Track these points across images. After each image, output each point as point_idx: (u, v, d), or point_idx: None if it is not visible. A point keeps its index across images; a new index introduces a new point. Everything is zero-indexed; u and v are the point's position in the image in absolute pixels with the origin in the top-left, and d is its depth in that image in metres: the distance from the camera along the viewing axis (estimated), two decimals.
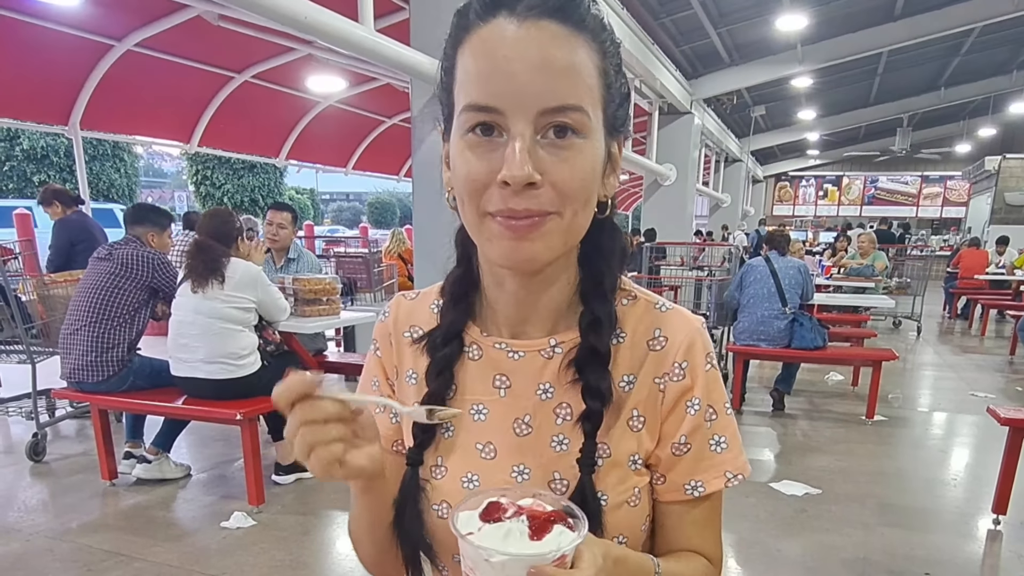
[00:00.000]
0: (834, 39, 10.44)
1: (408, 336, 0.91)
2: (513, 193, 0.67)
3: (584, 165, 0.70)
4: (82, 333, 3.60)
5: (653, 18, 8.89)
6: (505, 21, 0.68)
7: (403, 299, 0.95)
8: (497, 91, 0.67)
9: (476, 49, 0.69)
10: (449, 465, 0.84)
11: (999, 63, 15.20)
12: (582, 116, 0.69)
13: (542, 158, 0.68)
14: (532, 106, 0.67)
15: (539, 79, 0.66)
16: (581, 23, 0.70)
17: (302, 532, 3.32)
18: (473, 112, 0.69)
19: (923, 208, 25.53)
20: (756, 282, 5.29)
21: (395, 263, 7.73)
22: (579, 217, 0.72)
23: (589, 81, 0.70)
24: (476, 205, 0.71)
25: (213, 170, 24.88)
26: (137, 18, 6.27)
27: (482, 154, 0.69)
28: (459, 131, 0.71)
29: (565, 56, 0.68)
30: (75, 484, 3.88)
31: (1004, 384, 6.62)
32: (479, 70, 0.68)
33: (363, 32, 3.87)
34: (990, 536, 3.40)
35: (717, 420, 0.82)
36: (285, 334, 4.00)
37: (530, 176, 0.66)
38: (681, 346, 0.82)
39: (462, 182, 0.71)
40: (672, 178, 11.31)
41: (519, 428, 0.83)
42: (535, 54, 0.66)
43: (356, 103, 9.65)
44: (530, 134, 0.67)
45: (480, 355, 0.85)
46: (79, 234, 5.35)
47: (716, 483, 0.82)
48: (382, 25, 4.60)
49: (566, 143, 0.69)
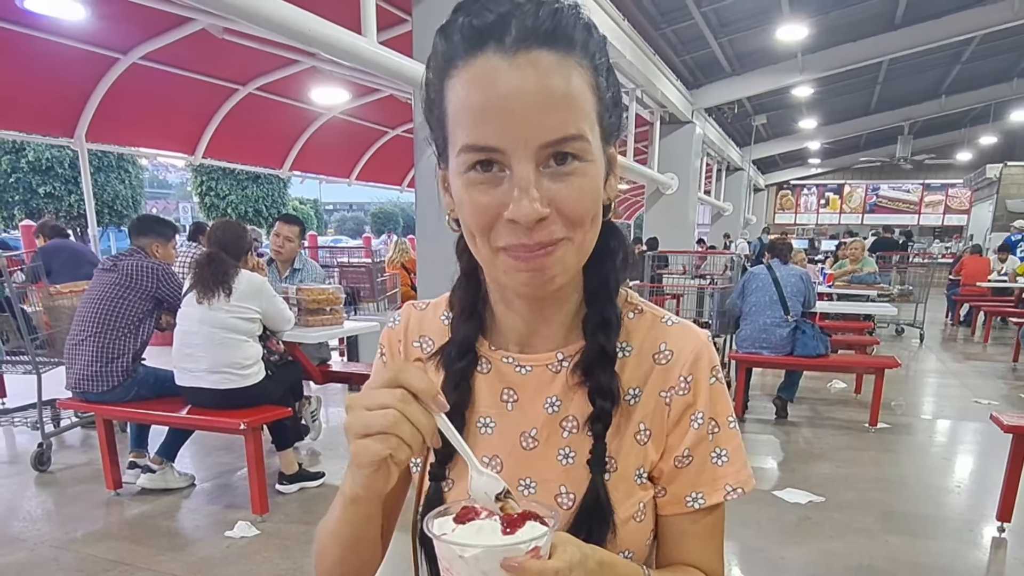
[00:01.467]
0: (834, 48, 10.46)
1: (418, 346, 0.91)
2: (524, 230, 0.67)
3: (589, 187, 0.70)
4: (87, 343, 3.62)
5: (654, 28, 8.93)
6: (495, 57, 0.65)
7: (413, 308, 0.95)
8: (495, 131, 0.66)
9: (467, 85, 0.67)
10: (455, 478, 0.84)
11: (1000, 71, 15.21)
12: (583, 143, 0.68)
13: (547, 187, 0.67)
14: (532, 142, 0.66)
15: (537, 114, 0.65)
16: (571, 43, 0.68)
17: (305, 541, 3.33)
18: (472, 153, 0.68)
19: (925, 216, 25.50)
20: (758, 290, 5.30)
21: (398, 272, 7.75)
22: (589, 235, 0.73)
23: (585, 104, 0.69)
24: (487, 240, 0.71)
25: (217, 181, 24.94)
26: (142, 32, 6.33)
27: (486, 190, 0.68)
28: (459, 169, 0.70)
29: (560, 85, 0.66)
30: (80, 494, 3.90)
31: (1007, 391, 6.61)
32: (473, 109, 0.67)
33: (366, 44, 3.90)
34: (994, 543, 3.40)
35: (719, 433, 0.82)
36: (289, 344, 4.02)
37: (539, 214, 0.66)
38: (687, 360, 0.82)
39: (470, 219, 0.71)
40: (674, 187, 11.33)
41: (525, 442, 0.83)
42: (531, 89, 0.65)
43: (359, 114, 9.70)
44: (533, 169, 0.66)
45: (489, 369, 0.86)
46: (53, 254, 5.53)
47: (716, 496, 0.82)
48: (385, 37, 4.63)
49: (569, 169, 0.68)
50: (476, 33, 0.66)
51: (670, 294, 8.12)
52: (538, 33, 0.66)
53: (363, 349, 6.26)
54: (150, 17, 5.83)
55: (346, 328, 4.35)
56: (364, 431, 0.62)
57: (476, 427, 0.85)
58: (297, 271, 4.65)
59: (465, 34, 0.67)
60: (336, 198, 57.39)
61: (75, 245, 5.92)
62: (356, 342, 6.31)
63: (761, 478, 4.23)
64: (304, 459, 4.13)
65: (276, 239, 4.54)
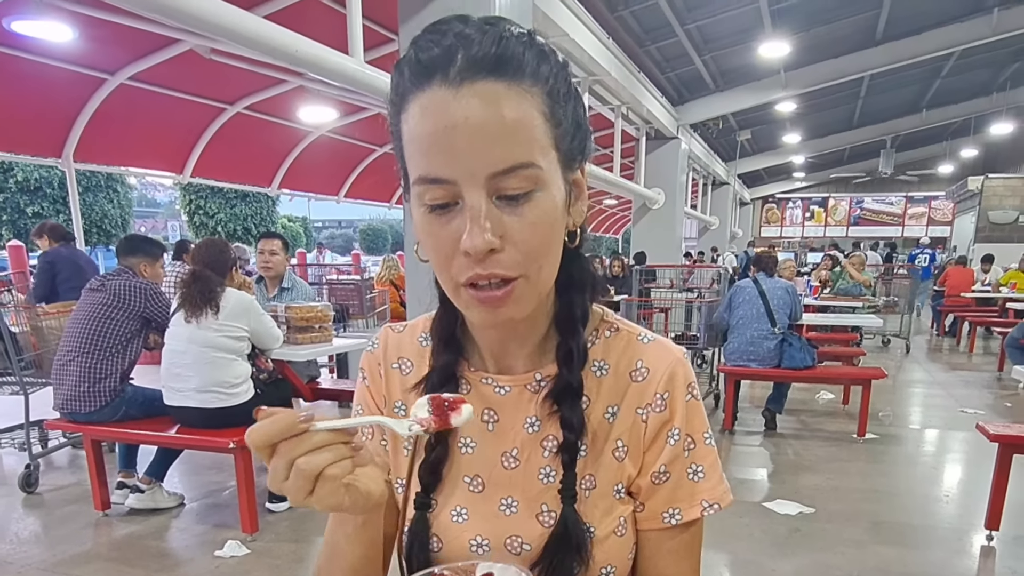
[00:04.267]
0: (816, 64, 10.61)
1: (396, 368, 0.92)
2: (477, 260, 0.67)
3: (543, 219, 0.69)
4: (75, 364, 3.60)
5: (638, 46, 9.03)
6: (440, 89, 0.65)
7: (391, 331, 0.95)
8: (444, 162, 0.66)
9: (416, 119, 0.67)
10: (439, 498, 0.85)
11: (979, 85, 15.46)
12: (534, 171, 0.67)
13: (500, 220, 0.67)
14: (481, 172, 0.65)
15: (484, 144, 0.65)
16: (519, 71, 0.67)
17: (296, 560, 3.31)
18: (424, 185, 0.68)
19: (908, 228, 25.74)
20: (745, 303, 5.34)
21: (387, 289, 7.75)
22: (545, 270, 0.73)
23: (536, 132, 0.68)
24: (448, 275, 0.71)
25: (206, 199, 24.86)
26: (130, 52, 6.34)
27: (442, 225, 0.68)
28: (416, 201, 0.70)
29: (508, 114, 0.65)
30: (68, 515, 3.87)
31: (993, 400, 6.67)
32: (422, 141, 0.67)
33: (353, 64, 3.93)
34: (983, 552, 3.42)
35: (695, 450, 0.83)
36: (278, 362, 4.02)
37: (489, 243, 0.66)
38: (662, 377, 0.83)
39: (430, 252, 0.72)
40: (660, 202, 11.42)
41: (507, 461, 0.84)
42: (476, 120, 0.64)
43: (347, 132, 9.74)
44: (484, 199, 0.66)
45: (469, 390, 0.87)
46: (63, 265, 5.34)
47: (693, 511, 0.83)
48: (372, 57, 4.67)
49: (522, 199, 0.68)
50: (423, 67, 0.67)
51: (658, 308, 8.15)
52: (484, 62, 0.65)
53: (352, 366, 6.24)
54: (137, 38, 5.84)
55: (335, 345, 4.35)
56: (301, 492, 0.61)
57: (458, 448, 0.86)
58: (286, 290, 4.64)
59: (413, 69, 0.68)
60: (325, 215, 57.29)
61: (84, 257, 5.80)
62: (345, 359, 6.29)
63: (751, 490, 4.25)
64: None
65: (261, 256, 4.54)
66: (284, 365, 4.09)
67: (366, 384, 0.94)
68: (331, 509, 0.64)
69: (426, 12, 4.35)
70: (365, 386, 0.94)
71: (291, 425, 0.60)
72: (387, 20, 5.83)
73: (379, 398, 0.92)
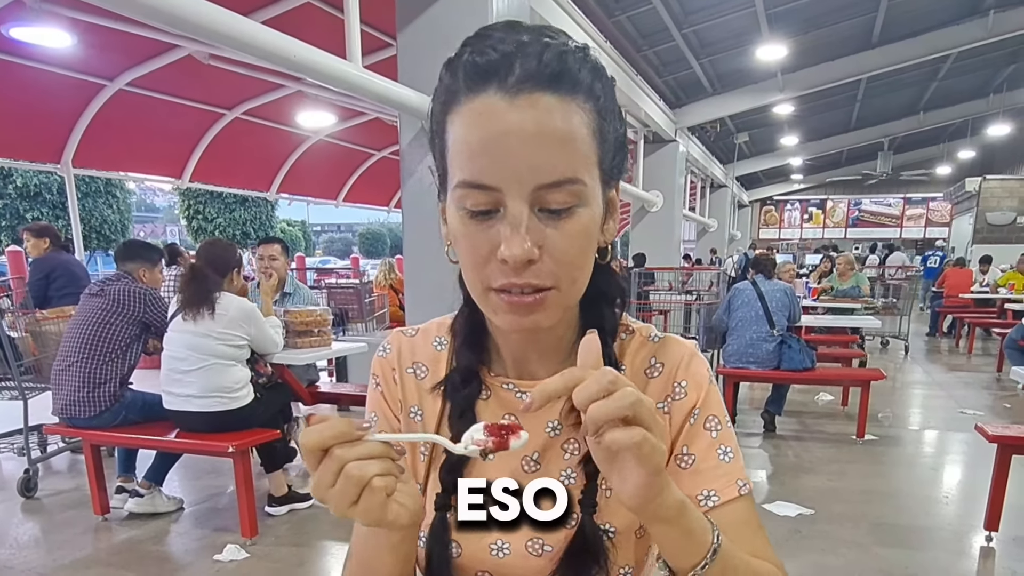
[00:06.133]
0: (814, 67, 10.63)
1: (412, 372, 0.91)
2: (513, 269, 0.67)
3: (582, 233, 0.70)
4: (74, 369, 3.61)
5: (636, 50, 9.05)
6: (496, 97, 0.65)
7: (402, 335, 0.94)
8: (491, 169, 0.66)
9: (467, 122, 0.67)
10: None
11: (976, 87, 15.50)
12: (579, 187, 0.68)
13: (540, 230, 0.67)
14: (528, 183, 0.66)
15: (534, 155, 0.65)
16: (575, 86, 0.68)
17: (296, 563, 3.31)
18: (468, 189, 0.68)
19: (907, 229, 25.75)
20: (744, 305, 5.35)
21: (386, 293, 7.75)
22: (578, 283, 0.73)
23: (584, 148, 0.68)
24: (480, 279, 0.71)
25: (205, 204, 24.89)
26: (129, 58, 6.36)
27: (480, 230, 0.69)
28: (455, 204, 0.70)
29: (560, 128, 0.66)
30: (67, 520, 3.87)
31: (992, 401, 6.68)
32: (472, 146, 0.67)
33: (351, 69, 3.93)
34: (983, 553, 3.42)
35: (723, 431, 0.83)
36: (277, 366, 4.02)
37: (529, 254, 0.66)
38: (678, 367, 0.84)
39: (463, 255, 0.72)
40: (659, 204, 11.42)
41: (527, 465, 0.84)
42: (529, 130, 0.65)
43: (345, 137, 9.75)
44: (527, 210, 0.66)
45: (489, 395, 0.86)
46: (56, 270, 5.30)
47: (729, 491, 0.80)
48: (370, 62, 4.68)
49: (564, 213, 0.68)
50: (479, 71, 0.67)
51: (657, 310, 8.15)
52: (542, 75, 0.66)
53: (352, 370, 6.25)
54: (136, 44, 5.86)
55: (334, 349, 4.35)
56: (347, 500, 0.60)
57: None
58: (288, 295, 4.64)
59: (468, 71, 0.68)
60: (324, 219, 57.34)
61: (79, 264, 5.77)
62: (345, 363, 6.30)
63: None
64: (294, 480, 4.11)
65: (262, 262, 4.53)
66: (283, 369, 4.09)
67: (380, 390, 0.92)
68: (373, 523, 0.63)
69: (423, 18, 4.37)
70: (379, 392, 0.92)
71: (348, 430, 0.60)
72: (385, 25, 5.83)
73: (394, 404, 0.91)
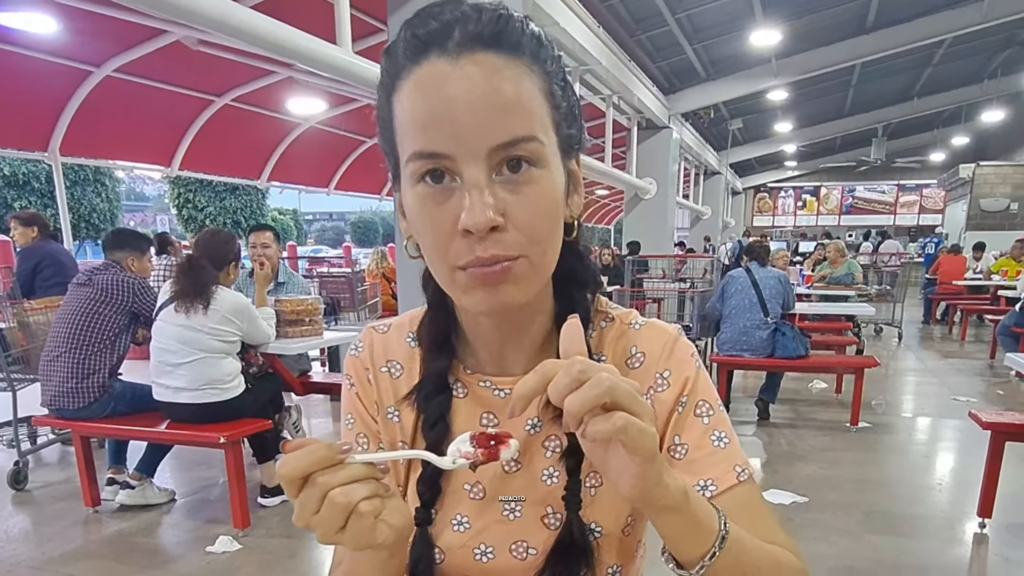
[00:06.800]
0: (807, 52, 10.60)
1: (386, 371, 0.88)
2: (478, 240, 0.64)
3: (545, 198, 0.67)
4: (62, 359, 3.57)
5: (629, 35, 8.99)
6: (438, 61, 0.63)
7: (375, 332, 0.91)
8: (442, 136, 0.63)
9: (412, 94, 0.65)
10: (438, 508, 0.82)
11: (970, 73, 15.49)
12: (537, 145, 0.65)
13: (502, 198, 0.64)
14: (482, 145, 0.63)
15: (485, 116, 0.63)
16: (518, 48, 0.66)
17: (289, 555, 3.29)
18: (421, 161, 0.65)
19: (900, 216, 25.82)
20: (738, 293, 5.33)
21: (378, 282, 7.72)
22: (548, 255, 0.70)
23: (537, 108, 0.66)
24: (444, 259, 0.67)
25: (195, 193, 24.77)
26: (116, 44, 6.29)
27: (438, 205, 0.65)
28: (410, 182, 0.67)
29: (508, 87, 0.64)
30: (57, 512, 3.84)
31: (985, 388, 6.69)
32: (420, 116, 0.64)
33: (341, 55, 3.89)
34: (976, 540, 3.42)
35: (715, 416, 0.79)
36: (268, 356, 3.99)
37: (492, 221, 0.63)
38: (660, 357, 0.81)
39: (425, 237, 0.68)
40: (652, 192, 11.39)
41: (508, 465, 0.81)
42: (477, 90, 0.62)
43: (337, 124, 9.70)
44: (485, 175, 0.64)
45: (466, 393, 0.83)
46: (44, 259, 5.23)
47: (727, 479, 0.76)
48: (360, 47, 4.63)
49: (524, 177, 0.65)
50: (419, 43, 0.65)
51: (651, 298, 8.14)
52: (482, 36, 0.64)
53: (344, 359, 6.20)
54: (123, 30, 5.78)
55: (326, 339, 4.32)
56: (333, 528, 0.58)
57: None
58: (282, 284, 4.59)
59: (408, 46, 0.66)
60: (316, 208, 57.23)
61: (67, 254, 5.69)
62: (337, 353, 6.27)
63: None
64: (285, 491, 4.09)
65: (254, 251, 4.48)
66: (274, 359, 4.06)
67: (355, 391, 0.89)
68: (362, 547, 0.60)
69: (415, 2, 4.30)
70: (354, 393, 0.89)
71: (328, 456, 0.58)
72: (375, 10, 5.78)
73: (370, 405, 0.88)
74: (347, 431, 0.89)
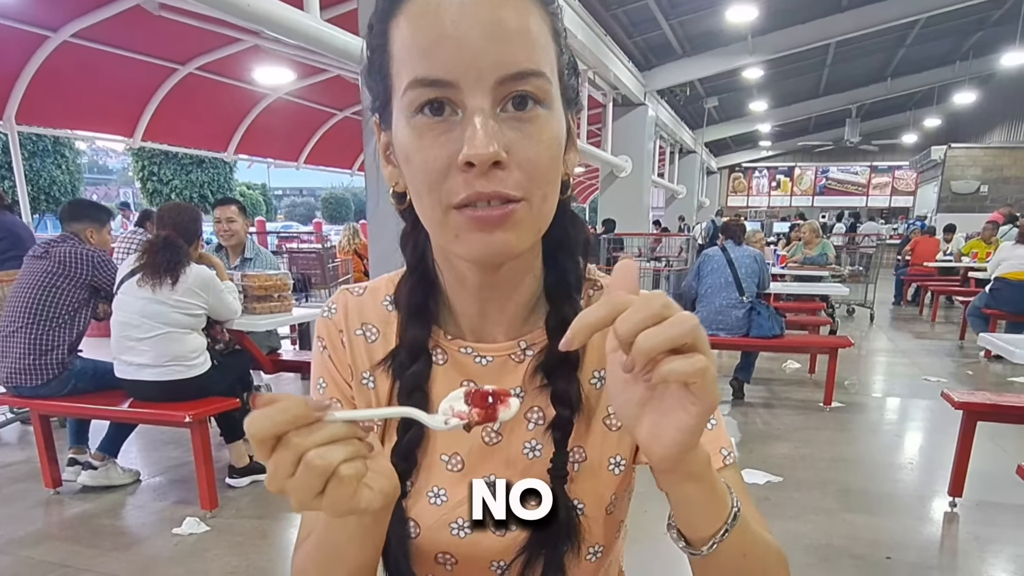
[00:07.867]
0: (783, 30, 10.63)
1: (361, 334, 0.82)
2: (478, 175, 0.59)
3: (550, 138, 0.63)
4: (19, 335, 3.42)
5: (605, 9, 8.91)
6: None
7: (349, 294, 0.86)
8: (447, 61, 0.59)
9: (416, 17, 0.61)
10: (414, 480, 0.77)
11: (942, 54, 15.65)
12: (544, 82, 0.61)
13: (505, 134, 0.60)
14: (489, 75, 0.59)
15: (494, 44, 0.59)
16: None
17: (259, 536, 3.22)
18: (422, 88, 0.60)
19: (873, 197, 26.12)
20: (713, 272, 5.31)
21: (350, 259, 7.60)
22: (548, 201, 0.65)
23: (545, 45, 0.63)
24: (438, 198, 0.62)
25: (160, 166, 24.29)
26: (73, 8, 6.06)
27: (436, 137, 0.60)
28: (405, 113, 0.62)
29: (518, 18, 0.60)
30: (17, 493, 3.72)
31: (955, 368, 6.78)
32: (423, 40, 0.60)
33: (309, 21, 3.77)
34: (947, 518, 3.45)
35: None
36: (236, 332, 3.87)
37: (496, 154, 0.58)
38: None
39: (418, 172, 0.63)
40: (628, 170, 11.36)
41: (487, 436, 0.77)
42: (486, 16, 0.59)
43: (306, 96, 9.51)
44: (489, 107, 0.59)
45: (445, 359, 0.79)
46: (1, 232, 4.99)
47: (715, 461, 0.72)
48: (330, 15, 4.49)
49: (529, 115, 0.61)
50: None
51: None
52: None
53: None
54: None
55: (295, 315, 4.21)
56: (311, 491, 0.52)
57: None
58: (249, 260, 4.47)
59: None
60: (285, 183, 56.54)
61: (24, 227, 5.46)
62: (308, 329, 6.16)
63: None
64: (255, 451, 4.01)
65: (219, 225, 4.36)
66: (242, 335, 3.95)
67: (327, 354, 0.83)
68: (342, 515, 0.55)
69: None
70: (327, 356, 0.83)
71: (304, 413, 0.51)
72: None
73: (343, 369, 0.82)
74: (318, 396, 0.83)
